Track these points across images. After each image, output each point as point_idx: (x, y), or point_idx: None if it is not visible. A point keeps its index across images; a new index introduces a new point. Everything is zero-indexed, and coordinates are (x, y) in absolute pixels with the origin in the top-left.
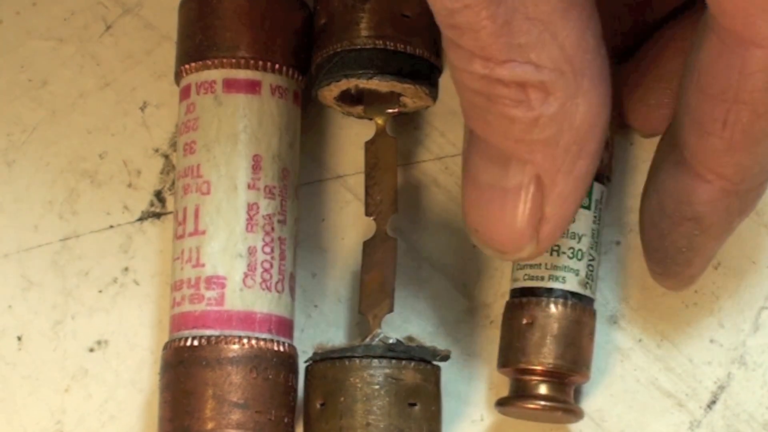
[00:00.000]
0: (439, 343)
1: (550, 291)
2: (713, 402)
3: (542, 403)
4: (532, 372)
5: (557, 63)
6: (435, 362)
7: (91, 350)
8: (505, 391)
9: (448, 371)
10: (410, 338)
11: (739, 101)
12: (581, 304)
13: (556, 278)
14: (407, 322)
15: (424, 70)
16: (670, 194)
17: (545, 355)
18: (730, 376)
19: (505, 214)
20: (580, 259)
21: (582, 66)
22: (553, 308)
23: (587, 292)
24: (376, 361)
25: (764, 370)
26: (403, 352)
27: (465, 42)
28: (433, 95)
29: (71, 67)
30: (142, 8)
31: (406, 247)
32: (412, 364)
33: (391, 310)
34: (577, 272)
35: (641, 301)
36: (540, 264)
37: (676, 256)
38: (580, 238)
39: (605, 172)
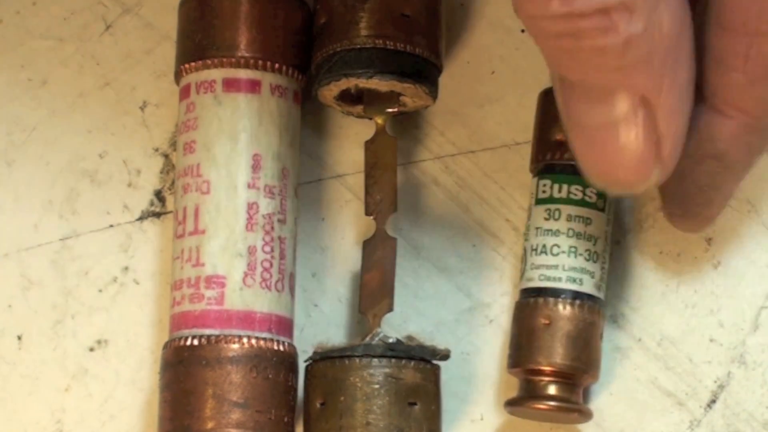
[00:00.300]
0: (439, 342)
1: (567, 292)
2: (713, 401)
3: (553, 403)
4: (543, 372)
5: None
6: (435, 361)
7: (91, 350)
8: (504, 390)
9: (447, 370)
10: (410, 337)
11: (759, 33)
12: (595, 306)
13: (574, 280)
14: (407, 322)
15: (424, 70)
16: (692, 133)
17: (562, 356)
18: (730, 376)
19: (624, 147)
20: (595, 261)
21: None
22: (570, 309)
23: (600, 294)
24: (376, 360)
25: (764, 369)
26: (403, 352)
27: None
28: (433, 94)
29: (71, 67)
30: (142, 8)
31: (406, 246)
32: (412, 363)
33: (390, 310)
34: (592, 274)
35: (641, 300)
36: (557, 265)
37: (696, 196)
38: (596, 241)
39: None
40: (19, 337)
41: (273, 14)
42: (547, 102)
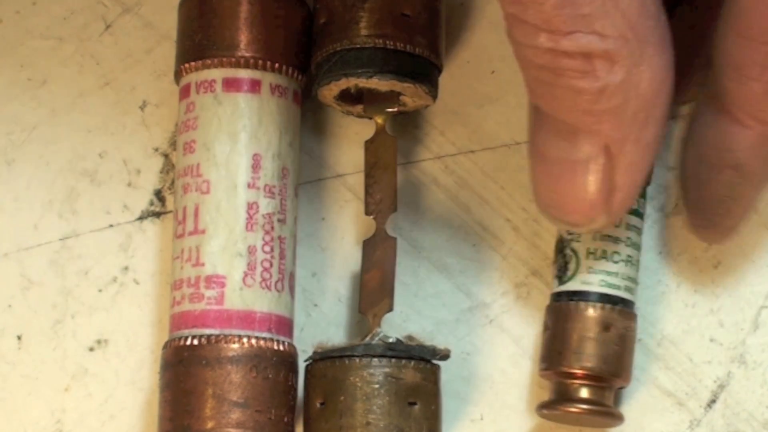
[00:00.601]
0: (439, 342)
1: (624, 301)
2: (713, 401)
3: (587, 407)
4: (576, 375)
5: (621, 31)
6: (435, 361)
7: (91, 349)
8: (504, 390)
9: (447, 370)
10: (410, 337)
11: None
12: (634, 312)
13: (629, 289)
14: (407, 321)
15: (424, 70)
16: (711, 143)
17: (608, 361)
18: (730, 375)
19: (576, 187)
20: (638, 270)
21: (645, 33)
22: (622, 316)
23: (636, 299)
24: (376, 360)
25: (764, 369)
26: (403, 351)
27: (529, 16)
28: (433, 94)
29: (71, 66)
30: (142, 7)
31: (406, 246)
32: (412, 363)
33: (390, 309)
34: (637, 283)
35: (641, 300)
36: (618, 273)
37: (716, 206)
38: (640, 250)
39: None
40: (19, 337)
41: (273, 14)
42: None
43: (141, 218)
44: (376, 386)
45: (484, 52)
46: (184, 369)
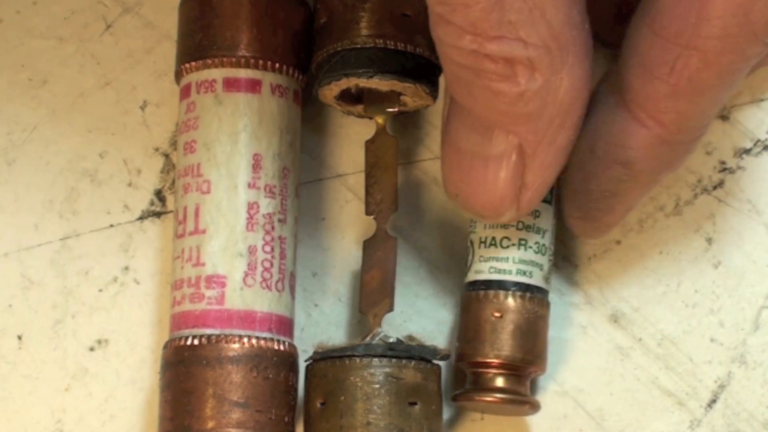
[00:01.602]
0: (440, 342)
1: (517, 285)
2: (713, 401)
3: (502, 395)
4: (491, 365)
5: (545, 40)
6: (435, 361)
7: (92, 349)
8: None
9: (448, 370)
10: (411, 337)
11: (691, 46)
12: (544, 299)
13: (524, 272)
14: (408, 321)
15: (425, 69)
16: (604, 136)
17: (512, 348)
18: (731, 375)
19: (486, 181)
20: (543, 254)
21: (567, 42)
22: (520, 302)
23: (547, 287)
24: (376, 360)
25: (764, 369)
26: (404, 351)
27: (456, 18)
28: (434, 94)
29: (71, 66)
30: (142, 7)
31: (406, 246)
32: (413, 363)
33: (391, 309)
34: (541, 267)
35: (641, 300)
36: (507, 258)
37: (598, 201)
38: (544, 233)
39: None
40: (19, 337)
41: (273, 14)
42: None
43: (141, 218)
44: (377, 386)
45: None
46: (184, 369)
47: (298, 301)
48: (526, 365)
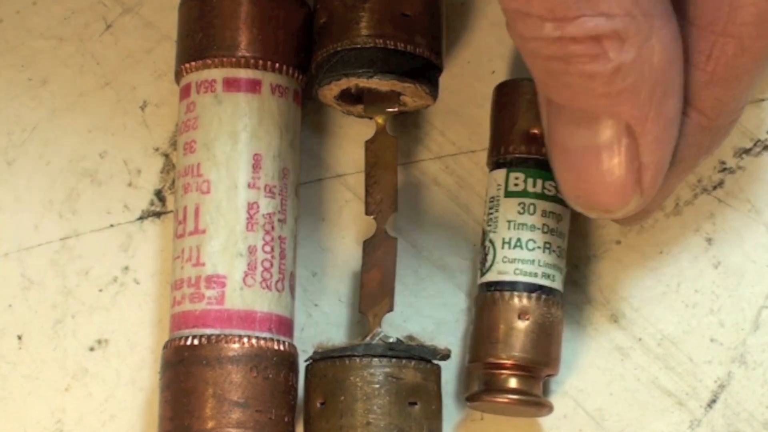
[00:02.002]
0: (439, 342)
1: (542, 287)
2: (713, 401)
3: (518, 397)
4: (506, 366)
5: (627, 8)
6: (435, 361)
7: (92, 349)
8: None
9: (448, 370)
10: (410, 337)
11: (726, 34)
12: (561, 301)
13: (548, 276)
14: (407, 321)
15: (425, 69)
16: None
17: (535, 350)
18: (731, 375)
19: (604, 172)
20: (563, 258)
21: (649, 6)
22: (543, 304)
23: (562, 290)
24: (376, 360)
25: (764, 369)
26: (404, 351)
27: (533, 8)
28: (434, 94)
29: (71, 66)
30: (142, 7)
31: (406, 246)
32: (413, 363)
33: (391, 309)
34: (561, 270)
35: (641, 300)
36: (534, 260)
37: None
38: (564, 238)
39: None
40: (19, 337)
41: (273, 14)
42: (503, 95)
43: (141, 218)
44: (377, 386)
45: (484, 52)
46: (184, 369)
47: (298, 301)
48: (542, 367)
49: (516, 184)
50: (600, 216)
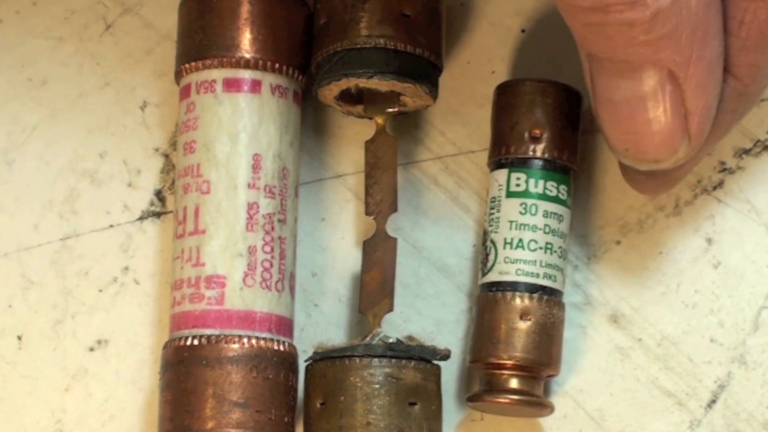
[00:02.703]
0: (439, 342)
1: (544, 288)
2: (713, 401)
3: (519, 397)
4: (508, 366)
5: None
6: (435, 361)
7: (92, 349)
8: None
9: (448, 370)
10: (410, 337)
11: None
12: (562, 302)
13: (550, 276)
14: (407, 322)
15: (424, 70)
16: None
17: (537, 351)
18: (730, 376)
19: (650, 121)
20: (564, 259)
21: None
22: (545, 305)
23: (564, 289)
24: (376, 360)
25: (764, 369)
26: (403, 352)
27: None
28: (434, 94)
29: (71, 67)
30: (142, 7)
31: (406, 246)
32: (412, 363)
33: (391, 310)
34: (562, 271)
35: (641, 300)
36: (536, 261)
37: None
38: (565, 238)
39: (573, 165)
40: (19, 337)
41: (273, 14)
42: (503, 95)
43: (141, 218)
44: (377, 386)
45: (484, 52)
46: (184, 369)
47: (298, 301)
48: (544, 367)
49: (518, 185)
50: (650, 167)
